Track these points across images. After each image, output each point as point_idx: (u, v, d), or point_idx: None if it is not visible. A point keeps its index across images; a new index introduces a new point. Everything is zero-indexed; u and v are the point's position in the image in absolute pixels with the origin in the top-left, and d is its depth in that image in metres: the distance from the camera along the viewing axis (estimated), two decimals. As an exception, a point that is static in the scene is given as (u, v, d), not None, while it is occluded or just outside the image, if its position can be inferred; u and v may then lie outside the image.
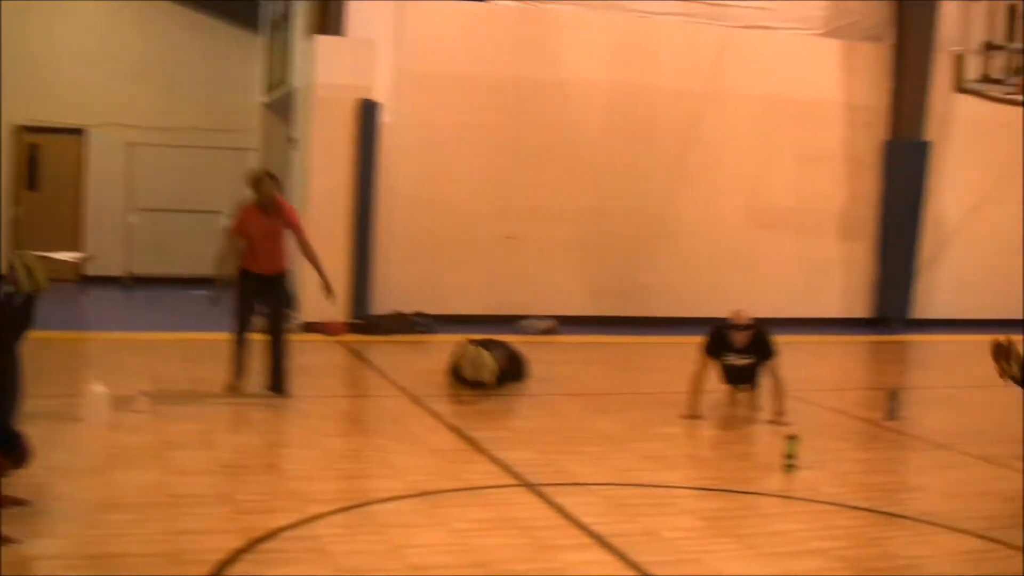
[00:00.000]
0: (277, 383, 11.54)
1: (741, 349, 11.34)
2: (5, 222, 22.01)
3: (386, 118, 17.06)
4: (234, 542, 6.71)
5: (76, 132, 22.44)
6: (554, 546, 6.87)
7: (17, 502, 7.11)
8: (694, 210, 19.34)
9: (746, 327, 11.25)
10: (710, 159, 19.40)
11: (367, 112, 16.75)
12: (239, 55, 22.84)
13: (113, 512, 7.32)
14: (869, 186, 20.50)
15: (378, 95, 16.95)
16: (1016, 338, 9.52)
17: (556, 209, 18.50)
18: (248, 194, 11.63)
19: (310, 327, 16.52)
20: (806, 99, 19.88)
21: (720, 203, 19.49)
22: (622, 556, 6.69)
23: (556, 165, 18.49)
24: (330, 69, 16.63)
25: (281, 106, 19.76)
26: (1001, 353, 9.52)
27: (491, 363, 12.15)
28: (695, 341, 11.56)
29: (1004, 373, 9.52)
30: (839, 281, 20.61)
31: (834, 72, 20.19)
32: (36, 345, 14.13)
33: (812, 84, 19.96)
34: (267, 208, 11.39)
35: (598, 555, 6.75)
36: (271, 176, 11.58)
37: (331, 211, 16.76)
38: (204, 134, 22.39)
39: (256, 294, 11.44)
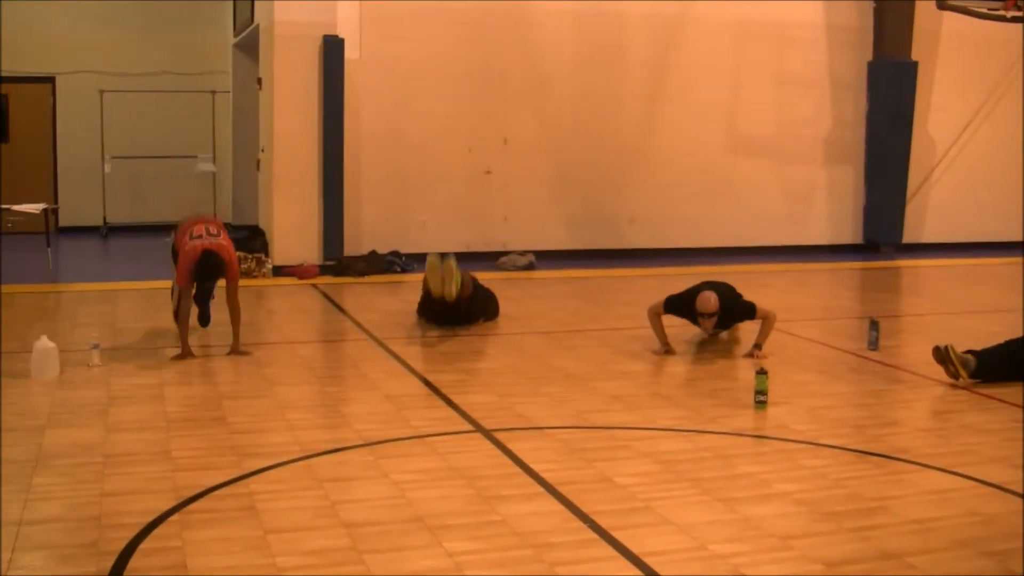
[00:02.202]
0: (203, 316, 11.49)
1: (708, 330, 11.00)
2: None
3: (350, 54, 16.58)
4: (164, 502, 6.40)
5: (46, 80, 22.04)
6: (499, 497, 6.52)
7: None
8: (671, 138, 18.89)
9: (711, 315, 10.78)
10: (685, 84, 18.92)
11: (330, 49, 16.29)
12: (209, -5, 22.37)
13: (43, 474, 7.02)
14: (854, 109, 20.06)
15: (341, 31, 16.47)
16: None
17: (529, 141, 18.08)
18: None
19: (281, 271, 16.22)
20: (784, 21, 19.37)
21: (698, 130, 19.02)
22: (570, 505, 6.35)
23: (527, 96, 18.05)
24: (290, 6, 16.17)
25: (250, 46, 19.33)
26: (941, 358, 9.79)
27: (457, 273, 11.81)
28: (674, 272, 11.19)
29: (953, 375, 9.69)
30: (826, 207, 20.22)
31: (813, -8, 19.71)
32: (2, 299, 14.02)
33: (790, 5, 19.42)
34: None
35: (545, 505, 6.40)
36: (217, 259, 10.69)
37: (299, 151, 16.42)
38: (176, 78, 22.01)
39: None
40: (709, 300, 10.70)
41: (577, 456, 7.40)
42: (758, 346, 10.72)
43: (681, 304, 10.95)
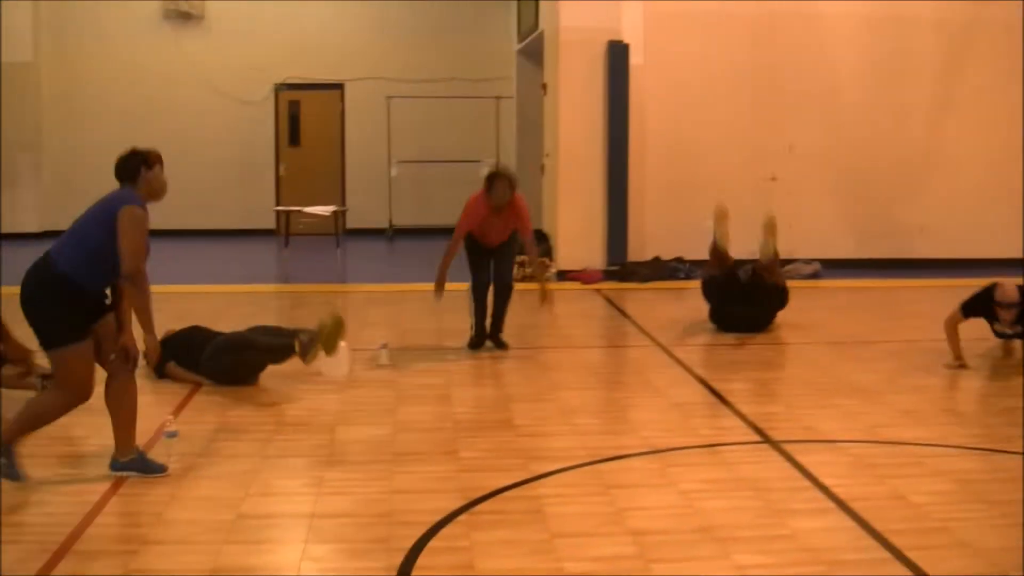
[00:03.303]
0: (499, 337, 11.31)
1: (1009, 322, 10.44)
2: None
3: (635, 59, 16.58)
4: (452, 502, 6.48)
5: (335, 87, 22.70)
6: (788, 510, 6.37)
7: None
8: (962, 144, 18.12)
9: (1012, 305, 10.26)
10: (978, 89, 18.10)
11: (615, 54, 16.36)
12: (492, 2, 22.63)
13: (335, 469, 7.21)
14: None
15: (626, 36, 16.49)
16: None
17: (815, 148, 17.70)
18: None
19: (565, 275, 16.30)
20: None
21: (990, 136, 18.13)
22: (862, 522, 6.15)
23: (813, 102, 17.66)
24: (575, 11, 16.33)
25: (534, 52, 19.50)
26: None
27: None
28: (964, 284, 10.77)
29: None
30: None
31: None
32: (291, 298, 14.49)
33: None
34: (499, 209, 10.89)
35: (836, 521, 6.23)
36: (508, 177, 10.88)
37: (583, 157, 16.50)
38: (460, 84, 22.39)
39: (487, 253, 11.14)
40: (1009, 289, 10.22)
41: (868, 472, 7.19)
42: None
43: (978, 303, 10.47)
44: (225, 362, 9.48)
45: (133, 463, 6.94)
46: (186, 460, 7.28)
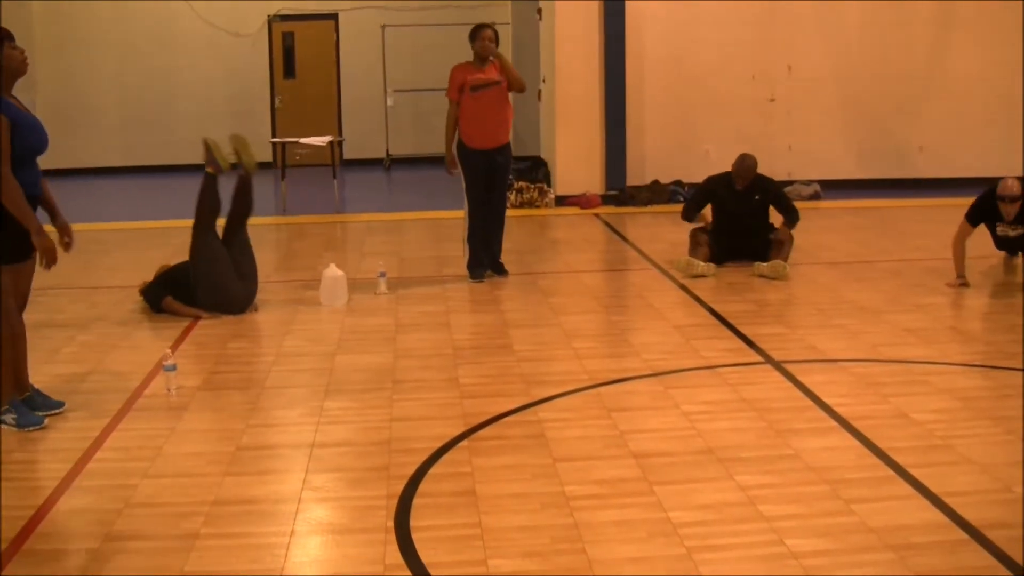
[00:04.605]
0: (498, 263, 11.26)
1: (1012, 220, 10.38)
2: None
3: (632, -21, 16.41)
4: (453, 429, 6.47)
5: (329, 17, 22.52)
6: (791, 430, 6.34)
7: None
8: (962, 62, 17.90)
9: (1015, 199, 10.21)
10: (978, 7, 17.71)
11: (612, -25, 16.17)
12: (488, -73, 22.39)
13: (334, 398, 7.19)
14: None
15: (623, -43, 16.31)
16: None
17: (814, 68, 17.47)
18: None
19: (564, 200, 16.22)
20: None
21: (991, 54, 17.86)
22: (866, 441, 6.13)
23: (812, 22, 17.41)
24: (570, -67, 16.10)
25: (529, -23, 19.30)
26: None
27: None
28: (965, 203, 10.69)
29: None
30: None
31: None
32: (289, 230, 14.41)
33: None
34: (482, 61, 10.95)
35: (839, 440, 6.20)
36: (490, 27, 11.07)
37: (580, 81, 16.34)
38: (455, 11, 22.08)
39: (483, 172, 10.99)
40: (1011, 183, 10.19)
41: (872, 390, 7.16)
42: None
43: (982, 205, 10.42)
44: (212, 267, 9.49)
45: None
46: (185, 393, 7.28)
